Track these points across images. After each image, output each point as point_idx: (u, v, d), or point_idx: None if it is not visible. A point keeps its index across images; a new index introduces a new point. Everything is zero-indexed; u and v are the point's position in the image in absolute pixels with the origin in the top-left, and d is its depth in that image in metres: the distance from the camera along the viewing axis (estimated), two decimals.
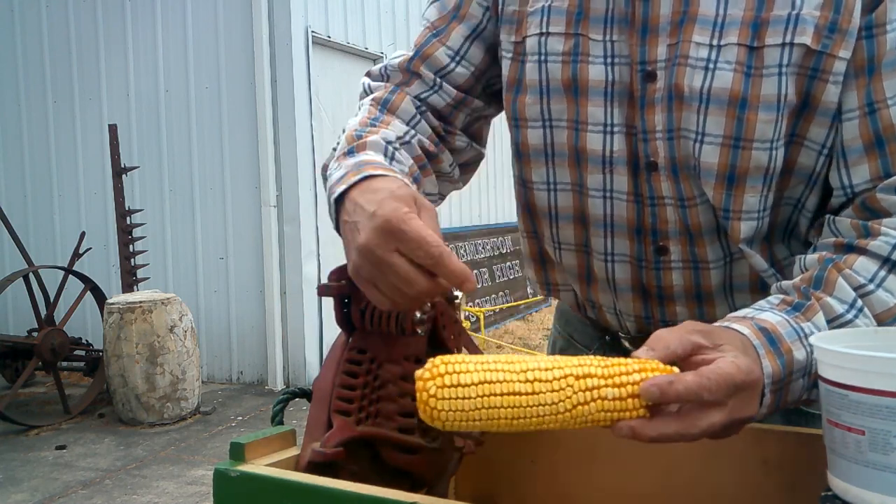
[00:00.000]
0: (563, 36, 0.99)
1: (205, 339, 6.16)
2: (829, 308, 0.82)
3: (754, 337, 0.77)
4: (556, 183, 1.05)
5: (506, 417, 0.67)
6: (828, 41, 0.88)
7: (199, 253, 6.37)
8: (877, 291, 0.83)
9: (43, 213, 6.87)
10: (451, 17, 1.08)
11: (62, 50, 6.67)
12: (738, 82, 0.90)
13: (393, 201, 0.76)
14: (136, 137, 6.42)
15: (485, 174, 8.99)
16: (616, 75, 0.97)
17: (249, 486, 0.76)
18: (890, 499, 0.63)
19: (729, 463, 0.87)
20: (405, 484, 0.84)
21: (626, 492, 0.93)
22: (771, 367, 0.76)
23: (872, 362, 0.64)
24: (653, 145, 0.96)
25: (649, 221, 1.00)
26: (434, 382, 0.66)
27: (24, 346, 5.34)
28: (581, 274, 1.09)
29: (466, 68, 1.07)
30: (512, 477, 1.00)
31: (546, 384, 0.67)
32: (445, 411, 0.66)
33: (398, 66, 1.09)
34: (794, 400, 0.80)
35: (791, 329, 0.79)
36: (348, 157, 0.90)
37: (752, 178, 0.93)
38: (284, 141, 6.05)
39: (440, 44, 1.07)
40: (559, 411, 0.67)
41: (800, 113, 0.92)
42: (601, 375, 0.68)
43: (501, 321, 8.76)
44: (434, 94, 1.07)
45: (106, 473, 4.31)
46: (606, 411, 0.68)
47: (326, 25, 6.44)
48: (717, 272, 1.00)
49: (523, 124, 1.04)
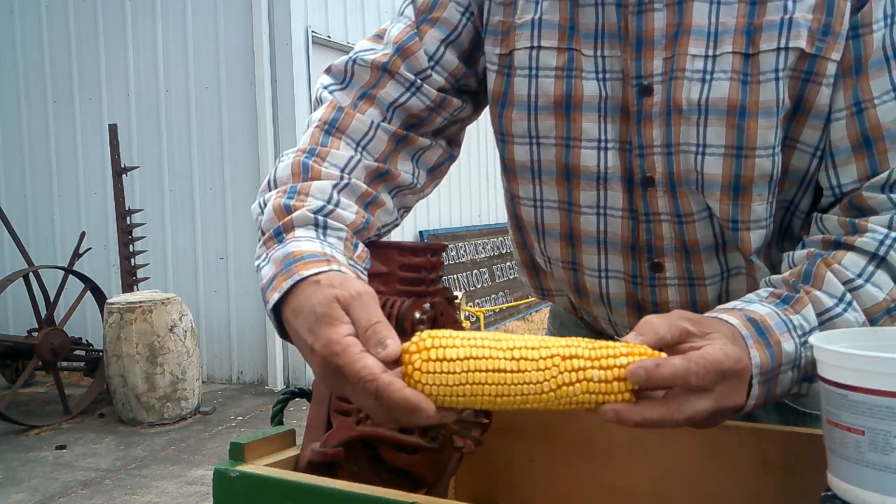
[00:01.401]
0: (557, 50, 0.97)
1: (205, 339, 6.16)
2: (817, 301, 0.82)
3: (743, 327, 0.77)
4: (543, 200, 1.03)
5: (489, 395, 0.66)
6: (821, 44, 0.88)
7: (199, 253, 6.37)
8: (865, 286, 0.83)
9: (43, 213, 6.87)
10: (422, 18, 1.03)
11: (62, 50, 6.66)
12: (735, 91, 0.90)
13: (323, 327, 0.71)
14: (136, 137, 6.42)
15: (485, 174, 8.99)
16: (609, 91, 0.95)
17: (249, 486, 0.76)
18: (890, 499, 0.63)
19: (728, 463, 0.87)
20: (405, 484, 0.84)
21: (625, 491, 0.93)
22: (759, 358, 0.76)
23: (872, 362, 0.64)
24: (650, 161, 0.95)
25: (644, 238, 0.99)
26: (420, 356, 0.66)
27: (24, 346, 5.34)
28: (572, 288, 1.08)
29: (441, 74, 1.02)
30: (512, 477, 1.00)
31: (532, 363, 0.66)
32: (429, 385, 0.66)
33: (371, 64, 1.01)
34: (784, 393, 0.80)
35: (780, 321, 0.79)
36: (276, 245, 0.84)
37: (757, 186, 0.92)
38: (284, 141, 6.04)
39: (419, 45, 1.01)
40: (543, 391, 0.66)
41: (792, 116, 0.92)
42: (588, 357, 0.67)
43: (501, 321, 8.76)
44: (412, 98, 1.01)
45: (106, 473, 4.31)
46: (591, 393, 0.67)
47: (326, 25, 6.44)
48: (713, 288, 1.00)
49: (510, 139, 1.02)
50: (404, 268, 0.89)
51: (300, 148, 0.96)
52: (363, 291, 0.74)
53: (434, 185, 1.08)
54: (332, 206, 0.89)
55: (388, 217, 0.98)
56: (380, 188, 0.97)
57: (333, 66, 1.04)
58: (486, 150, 8.75)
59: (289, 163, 0.94)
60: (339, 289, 0.74)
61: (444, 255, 0.94)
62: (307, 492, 0.73)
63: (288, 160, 0.94)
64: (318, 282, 0.76)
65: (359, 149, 0.97)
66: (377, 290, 0.87)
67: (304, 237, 0.84)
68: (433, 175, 1.07)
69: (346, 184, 0.92)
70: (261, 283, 0.84)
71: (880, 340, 0.73)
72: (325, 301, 0.73)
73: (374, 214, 0.94)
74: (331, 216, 0.88)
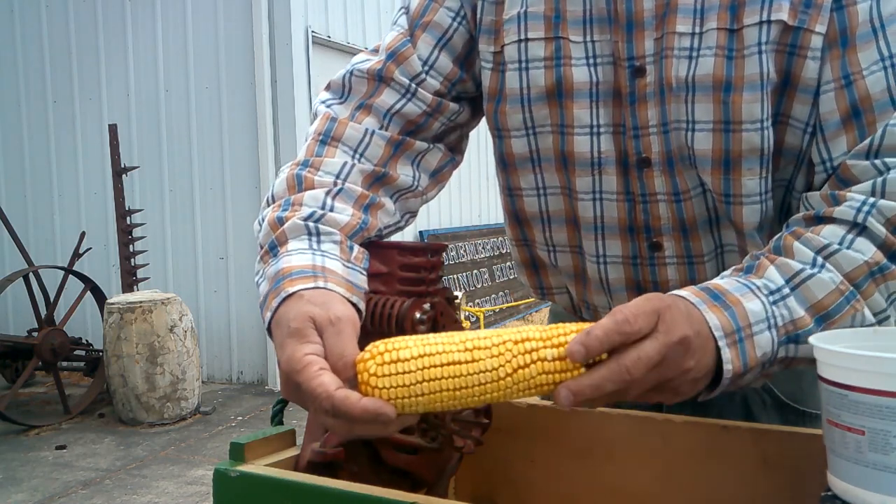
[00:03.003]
0: (544, 41, 0.98)
1: (205, 339, 6.16)
2: (785, 266, 0.82)
3: (693, 296, 0.78)
4: (546, 188, 1.04)
5: (448, 389, 0.67)
6: (804, 16, 0.89)
7: (199, 253, 6.37)
8: (842, 251, 0.82)
9: (43, 213, 6.87)
10: (415, 24, 1.04)
11: (62, 50, 6.66)
12: (720, 66, 0.91)
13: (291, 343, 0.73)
14: (136, 137, 6.42)
15: (485, 174, 8.98)
16: (600, 75, 0.96)
17: (249, 486, 0.76)
18: (890, 499, 0.63)
19: (728, 463, 0.87)
20: (405, 484, 0.84)
21: (625, 491, 0.93)
22: (717, 319, 0.76)
23: (872, 362, 0.64)
24: (645, 141, 0.96)
25: (642, 219, 1.00)
26: (374, 360, 0.67)
27: (24, 346, 5.34)
28: (577, 275, 1.09)
29: (436, 78, 1.03)
30: (512, 477, 1.00)
31: (485, 351, 0.67)
32: (387, 388, 0.66)
33: (366, 73, 1.02)
34: (768, 356, 0.79)
35: (739, 285, 0.80)
36: (271, 261, 0.86)
37: (747, 160, 0.93)
38: (284, 141, 6.05)
39: (412, 51, 1.02)
40: (500, 377, 0.67)
41: (782, 91, 0.92)
42: (539, 338, 0.68)
43: (501, 321, 8.76)
44: (408, 103, 1.01)
45: (106, 473, 4.31)
46: (547, 373, 0.68)
47: (326, 25, 6.44)
48: (710, 265, 1.00)
49: (506, 134, 1.03)
50: (404, 268, 0.89)
51: (295, 161, 0.98)
52: (343, 317, 0.74)
53: (438, 188, 1.08)
54: (324, 211, 0.90)
55: (389, 218, 0.98)
56: (379, 192, 0.98)
57: (332, 82, 1.06)
58: (486, 150, 8.74)
59: (283, 178, 0.96)
60: (318, 308, 0.75)
61: (444, 255, 0.94)
62: (307, 492, 0.73)
63: (283, 175, 0.96)
64: (301, 297, 0.77)
65: (355, 155, 0.98)
66: (377, 290, 0.87)
67: (296, 250, 0.85)
68: (436, 179, 1.07)
69: (339, 189, 0.93)
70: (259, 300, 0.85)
71: (880, 340, 0.73)
72: (299, 317, 0.74)
73: (374, 216, 0.95)
74: (322, 221, 0.89)
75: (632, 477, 0.92)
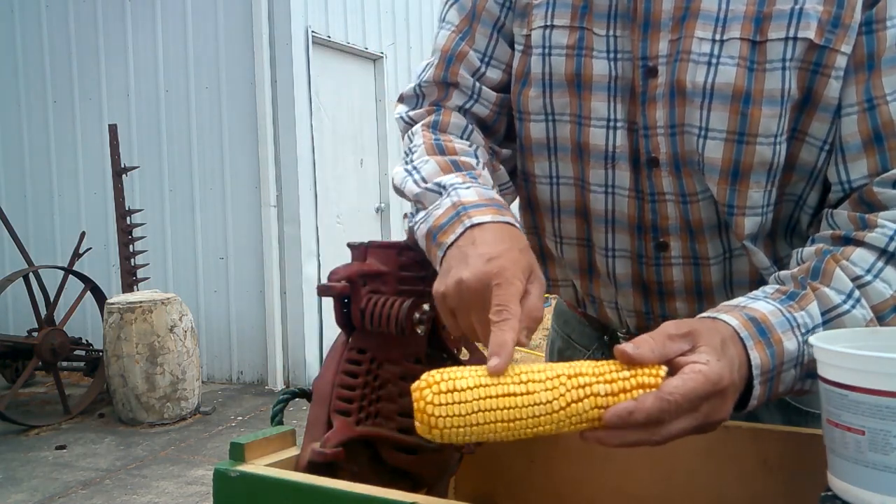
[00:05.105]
0: (568, 29, 0.99)
1: (205, 339, 6.16)
2: (825, 298, 0.82)
3: (742, 328, 0.77)
4: (559, 177, 1.05)
5: (503, 420, 0.67)
6: (831, 36, 0.89)
7: (199, 253, 6.37)
8: (874, 282, 0.83)
9: (43, 213, 6.86)
10: (470, 16, 1.06)
11: (62, 50, 6.66)
12: (741, 77, 0.90)
13: (514, 262, 0.78)
14: (136, 137, 6.41)
15: None
16: (619, 70, 0.97)
17: (249, 486, 0.76)
18: (890, 499, 0.63)
19: (729, 463, 0.87)
20: (405, 484, 0.84)
21: (625, 491, 0.93)
22: (760, 358, 0.76)
23: (872, 362, 0.64)
24: (654, 141, 0.96)
25: (650, 217, 1.00)
26: (431, 389, 0.68)
27: (24, 346, 5.34)
28: (583, 268, 1.09)
29: (498, 67, 1.06)
30: (511, 477, 1.00)
31: (540, 384, 0.68)
32: (443, 417, 0.67)
33: (433, 80, 1.06)
34: (786, 390, 0.80)
35: (783, 318, 0.79)
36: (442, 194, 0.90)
37: (755, 173, 0.93)
38: (284, 141, 6.05)
39: (469, 46, 1.05)
40: (554, 409, 0.68)
41: (802, 108, 0.92)
42: (592, 374, 0.69)
43: None
44: (476, 104, 1.05)
45: (106, 473, 4.31)
46: (599, 408, 0.69)
47: (326, 26, 6.44)
48: (717, 268, 1.00)
49: (526, 117, 1.04)
50: (404, 268, 0.89)
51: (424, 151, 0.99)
52: (541, 281, 0.81)
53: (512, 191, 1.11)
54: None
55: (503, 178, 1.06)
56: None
57: (404, 95, 1.10)
58: None
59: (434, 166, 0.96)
60: (537, 266, 0.82)
61: None
62: (307, 492, 0.73)
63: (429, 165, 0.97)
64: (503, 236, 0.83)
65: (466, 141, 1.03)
66: (377, 290, 0.88)
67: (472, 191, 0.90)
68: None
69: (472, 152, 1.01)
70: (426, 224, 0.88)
71: (880, 340, 0.73)
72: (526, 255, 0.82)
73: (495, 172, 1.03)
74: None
75: (632, 477, 0.92)
